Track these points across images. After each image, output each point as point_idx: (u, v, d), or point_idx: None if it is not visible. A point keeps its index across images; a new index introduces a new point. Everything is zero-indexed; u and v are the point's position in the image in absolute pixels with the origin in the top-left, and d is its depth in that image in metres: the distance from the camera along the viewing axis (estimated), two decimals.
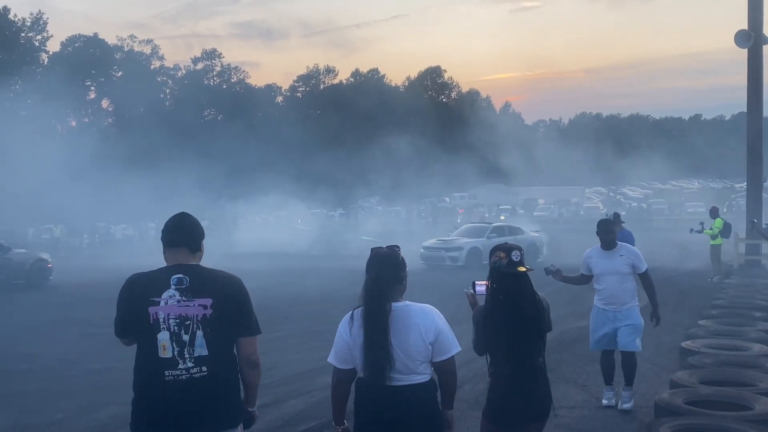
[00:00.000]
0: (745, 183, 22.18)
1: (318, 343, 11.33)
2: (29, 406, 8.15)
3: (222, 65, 79.90)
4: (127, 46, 73.19)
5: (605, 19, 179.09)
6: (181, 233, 3.63)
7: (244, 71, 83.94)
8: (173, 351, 3.43)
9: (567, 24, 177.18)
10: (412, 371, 3.58)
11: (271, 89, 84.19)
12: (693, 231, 18.76)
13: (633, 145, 67.59)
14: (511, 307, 4.08)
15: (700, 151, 65.80)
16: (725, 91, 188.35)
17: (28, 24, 62.99)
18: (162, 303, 3.44)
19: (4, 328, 13.58)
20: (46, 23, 63.98)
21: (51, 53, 65.89)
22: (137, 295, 3.49)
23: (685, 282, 17.97)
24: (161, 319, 3.44)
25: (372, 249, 3.81)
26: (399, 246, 3.82)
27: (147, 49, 74.58)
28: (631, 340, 7.12)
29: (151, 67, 74.48)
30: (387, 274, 3.65)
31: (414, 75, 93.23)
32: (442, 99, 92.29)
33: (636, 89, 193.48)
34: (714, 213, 18.70)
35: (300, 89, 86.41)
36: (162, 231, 3.68)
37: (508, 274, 4.13)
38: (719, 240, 18.12)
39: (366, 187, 55.62)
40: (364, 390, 3.68)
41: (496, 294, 4.16)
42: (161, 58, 75.82)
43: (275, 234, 34.06)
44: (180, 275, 3.49)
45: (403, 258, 3.77)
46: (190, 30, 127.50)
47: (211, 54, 79.63)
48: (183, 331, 3.44)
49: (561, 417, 7.00)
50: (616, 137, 73.26)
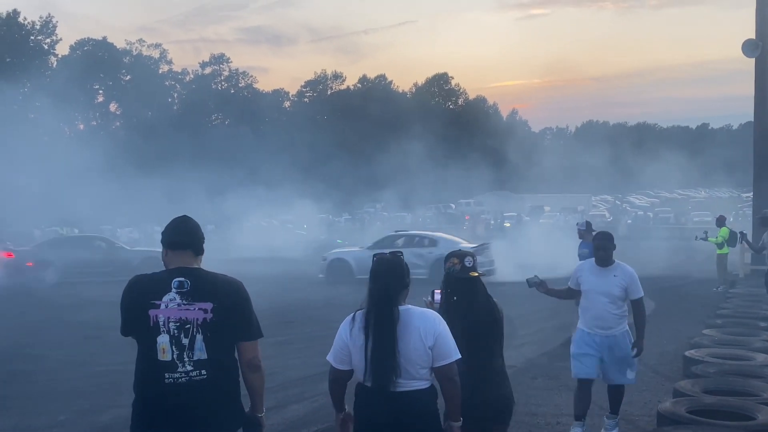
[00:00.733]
0: (752, 193, 22.10)
1: (320, 348, 11.27)
2: (32, 407, 8.17)
3: (230, 70, 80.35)
4: (136, 50, 73.62)
5: (613, 28, 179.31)
6: (186, 236, 3.62)
7: (251, 76, 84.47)
8: (172, 354, 3.43)
9: (575, 32, 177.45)
10: (412, 377, 3.57)
11: (279, 94, 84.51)
12: (698, 238, 18.83)
13: (640, 154, 67.43)
14: (465, 310, 4.19)
15: (707, 161, 65.66)
16: (733, 101, 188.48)
17: (37, 27, 63.39)
18: (162, 306, 3.44)
19: (6, 329, 13.61)
20: (55, 27, 64.42)
21: (60, 56, 66.32)
22: (138, 298, 3.49)
23: (690, 291, 17.93)
24: (161, 322, 3.44)
25: (374, 256, 3.82)
26: (401, 252, 3.84)
27: (155, 53, 75.09)
28: (622, 374, 6.41)
29: (160, 72, 74.82)
30: (394, 281, 3.66)
31: (421, 81, 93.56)
32: (449, 105, 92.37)
33: (643, 98, 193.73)
34: (720, 222, 18.63)
35: (307, 95, 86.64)
36: (163, 233, 3.66)
37: (461, 278, 4.35)
38: (726, 249, 18.06)
39: (372, 193, 55.66)
40: (364, 395, 3.68)
41: (449, 297, 4.34)
42: (169, 62, 76.36)
43: (278, 238, 34.01)
44: (181, 278, 3.49)
45: (407, 264, 3.79)
46: (198, 35, 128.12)
47: (219, 59, 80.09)
48: (183, 335, 3.44)
49: (563, 425, 6.98)
50: (623, 146, 73.14)
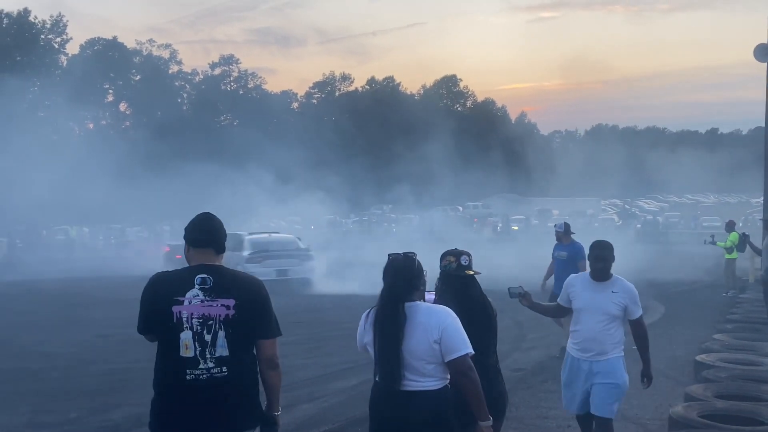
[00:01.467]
0: (762, 198, 22.02)
1: (329, 349, 11.38)
2: (43, 404, 8.21)
3: (239, 71, 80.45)
4: (146, 50, 73.88)
5: (623, 31, 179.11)
6: (208, 234, 3.65)
7: (260, 77, 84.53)
8: (195, 350, 3.45)
9: (584, 35, 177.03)
10: (421, 374, 3.57)
11: (287, 95, 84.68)
12: (706, 242, 18.94)
13: (649, 158, 67.29)
14: (459, 307, 4.16)
15: (716, 165, 65.47)
16: (743, 106, 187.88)
17: (48, 26, 63.73)
18: (186, 302, 3.46)
19: (18, 326, 13.67)
20: (65, 26, 64.75)
21: (70, 56, 66.60)
22: (161, 294, 3.51)
23: (700, 296, 17.88)
24: (184, 318, 3.46)
25: (389, 255, 3.84)
26: (415, 253, 3.83)
27: (165, 54, 75.29)
28: (608, 402, 5.41)
29: (169, 72, 75.04)
30: (402, 282, 3.67)
31: (430, 83, 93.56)
32: (457, 108, 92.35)
33: (653, 101, 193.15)
34: (730, 227, 18.58)
35: (316, 96, 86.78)
36: (186, 230, 3.68)
37: (456, 276, 4.41)
38: (734, 254, 18.00)
39: (380, 195, 55.69)
40: (376, 393, 3.71)
41: (443, 294, 4.38)
42: (179, 62, 76.55)
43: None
44: (204, 275, 3.52)
45: (420, 264, 3.78)
46: (208, 35, 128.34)
47: (229, 59, 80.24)
48: (205, 331, 3.46)
49: (573, 428, 6.98)
50: (632, 149, 73.00)
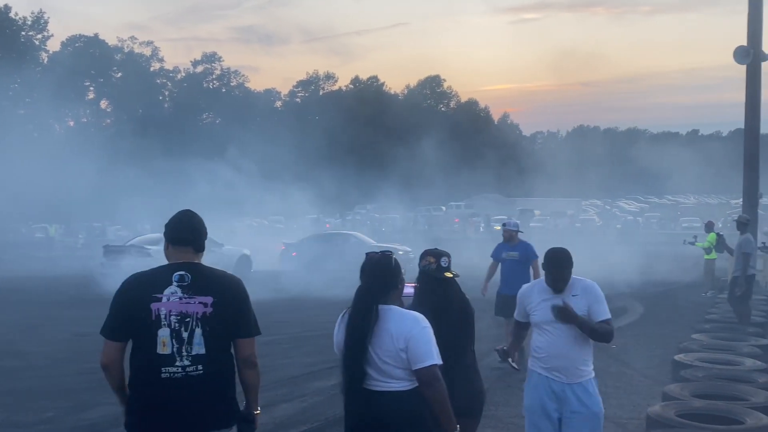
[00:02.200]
0: (741, 199, 22.21)
1: (309, 348, 11.35)
2: (19, 403, 8.13)
3: (222, 69, 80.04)
4: (127, 47, 73.32)
5: (605, 33, 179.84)
6: (188, 232, 3.62)
7: (243, 75, 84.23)
8: (172, 347, 3.43)
9: (567, 37, 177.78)
10: (390, 376, 3.53)
11: (271, 94, 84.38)
12: (686, 242, 19.15)
13: (630, 159, 67.78)
14: (435, 308, 4.19)
15: (696, 167, 66.01)
16: (723, 107, 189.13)
17: (28, 23, 63.06)
18: (164, 299, 3.44)
19: None
20: (46, 22, 64.09)
21: (51, 53, 65.98)
22: (140, 292, 3.48)
23: (679, 296, 18.03)
24: (162, 316, 3.44)
25: (367, 254, 3.81)
26: (392, 251, 3.81)
27: (147, 51, 74.73)
28: None
29: (151, 69, 74.56)
30: (376, 280, 3.63)
31: (413, 83, 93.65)
32: (441, 108, 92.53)
33: (634, 103, 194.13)
34: (709, 227, 18.78)
35: (299, 95, 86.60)
36: (166, 227, 3.65)
37: (436, 279, 4.40)
38: (713, 255, 18.17)
39: (363, 194, 55.69)
40: (346, 392, 3.68)
41: (421, 294, 4.37)
42: (161, 60, 76.00)
43: (267, 238, 33.89)
44: (182, 272, 3.50)
45: (398, 263, 3.74)
46: (190, 33, 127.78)
47: (211, 57, 79.75)
48: (183, 328, 3.44)
49: None
50: (613, 150, 73.46)
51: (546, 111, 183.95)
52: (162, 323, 3.42)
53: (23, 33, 62.68)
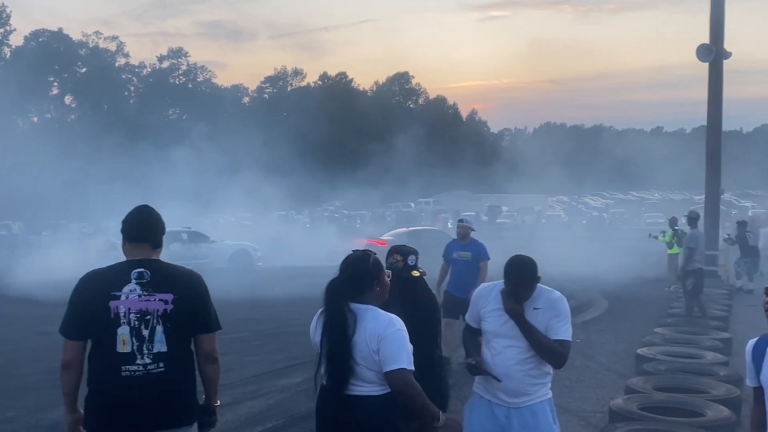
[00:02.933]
0: (704, 195, 22.57)
1: (276, 345, 11.31)
2: None
3: (188, 64, 79.31)
4: (92, 42, 72.35)
5: (572, 31, 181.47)
6: (145, 228, 3.57)
7: (210, 71, 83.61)
8: (132, 346, 3.40)
9: (534, 34, 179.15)
10: (362, 379, 3.41)
11: (238, 90, 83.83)
12: (651, 236, 19.53)
13: (595, 156, 68.53)
14: (403, 306, 4.12)
15: (661, 163, 66.90)
16: (687, 105, 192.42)
17: None
18: (123, 297, 3.40)
19: None
20: (9, 16, 63.12)
21: (14, 47, 64.87)
22: (98, 290, 3.44)
23: (643, 290, 18.24)
24: (122, 314, 3.40)
25: (353, 251, 3.72)
26: (372, 251, 3.66)
27: (112, 46, 73.84)
28: None
29: (116, 64, 73.66)
30: (347, 279, 3.53)
31: (382, 80, 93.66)
32: (409, 105, 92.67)
33: (600, 101, 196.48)
34: (673, 223, 19.09)
35: (267, 91, 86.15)
36: (123, 224, 3.60)
37: (401, 277, 4.36)
38: (675, 249, 18.42)
39: (332, 191, 55.58)
40: (322, 395, 3.57)
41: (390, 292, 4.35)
42: (126, 55, 75.12)
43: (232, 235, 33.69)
44: (141, 269, 3.45)
45: (377, 263, 3.61)
46: (156, 28, 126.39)
47: (177, 52, 78.96)
48: (143, 326, 3.41)
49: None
50: (579, 147, 74.21)
51: (513, 108, 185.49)
52: (121, 321, 3.39)
53: None
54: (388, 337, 3.38)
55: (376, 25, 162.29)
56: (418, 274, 4.42)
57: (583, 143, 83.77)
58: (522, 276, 3.87)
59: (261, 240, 27.39)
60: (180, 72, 78.86)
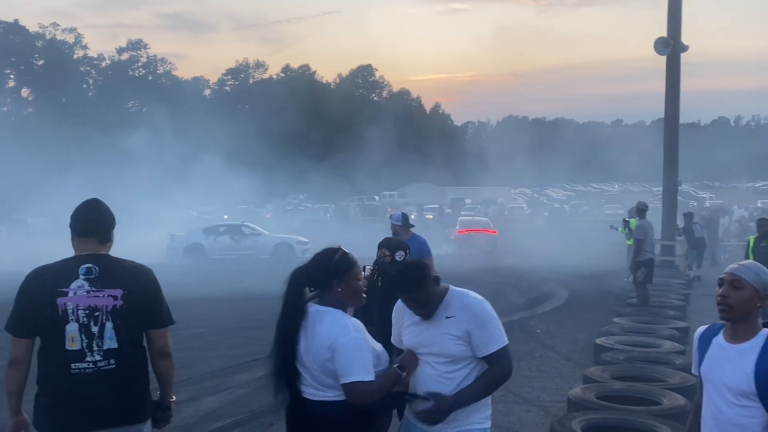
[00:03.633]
0: (662, 187, 22.89)
1: (236, 341, 11.20)
2: None
3: (148, 56, 78.25)
4: (50, 34, 71.10)
5: (533, 25, 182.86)
6: (91, 223, 3.50)
7: (170, 63, 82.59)
8: (82, 343, 3.33)
9: (496, 28, 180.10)
10: (321, 384, 3.25)
11: (199, 82, 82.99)
12: (612, 227, 19.79)
13: (557, 148, 69.21)
14: (382, 301, 4.14)
15: (621, 155, 67.82)
16: (646, 98, 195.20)
17: None
18: (71, 293, 3.33)
19: None
20: None
21: None
22: (45, 287, 3.35)
23: (603, 281, 18.45)
24: (70, 310, 3.32)
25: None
26: (339, 247, 3.37)
27: (70, 38, 72.58)
28: None
29: (74, 57, 72.41)
30: (308, 269, 3.34)
31: (345, 72, 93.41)
32: (373, 97, 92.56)
33: (561, 94, 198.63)
34: (632, 214, 19.30)
35: (229, 83, 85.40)
36: (71, 218, 3.52)
37: (386, 273, 4.42)
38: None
39: (295, 184, 55.35)
40: (277, 396, 3.44)
41: (373, 284, 4.37)
42: (85, 47, 73.91)
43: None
44: (89, 265, 3.38)
45: (344, 259, 3.32)
46: (115, 19, 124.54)
47: (137, 44, 77.83)
48: (92, 323, 3.34)
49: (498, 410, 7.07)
50: (541, 140, 74.88)
51: (476, 101, 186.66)
52: (69, 318, 3.32)
53: None
54: (340, 348, 3.15)
55: (339, 18, 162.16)
56: None
57: (546, 136, 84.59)
58: (403, 286, 3.36)
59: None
60: (140, 64, 77.78)
